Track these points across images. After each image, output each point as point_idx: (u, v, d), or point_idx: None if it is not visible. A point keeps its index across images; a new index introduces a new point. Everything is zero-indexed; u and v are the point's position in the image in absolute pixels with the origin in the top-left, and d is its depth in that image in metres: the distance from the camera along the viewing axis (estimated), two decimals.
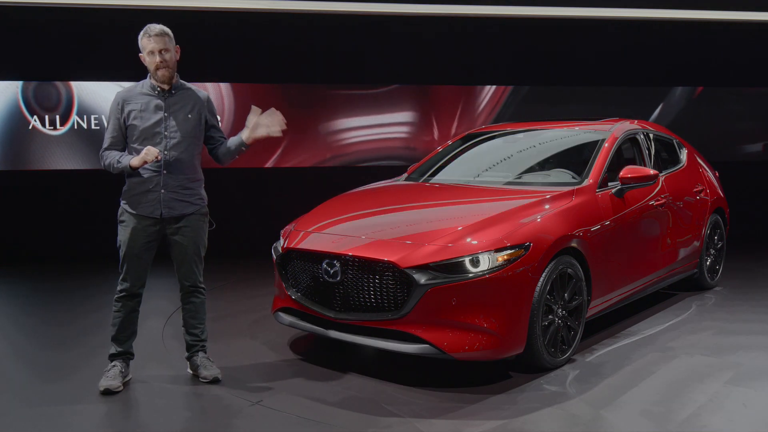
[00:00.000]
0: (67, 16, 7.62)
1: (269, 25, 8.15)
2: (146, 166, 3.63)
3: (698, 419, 3.30)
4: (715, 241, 5.99)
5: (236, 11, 7.86)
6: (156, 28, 3.66)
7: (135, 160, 3.57)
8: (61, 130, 7.80)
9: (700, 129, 9.08)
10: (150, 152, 3.54)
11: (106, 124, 3.78)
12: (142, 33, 3.66)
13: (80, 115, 7.81)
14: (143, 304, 3.90)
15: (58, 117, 7.79)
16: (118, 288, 3.76)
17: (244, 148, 3.83)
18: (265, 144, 8.25)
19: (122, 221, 3.73)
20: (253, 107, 3.76)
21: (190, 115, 3.74)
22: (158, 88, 3.70)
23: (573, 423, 3.27)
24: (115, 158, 3.65)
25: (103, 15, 7.60)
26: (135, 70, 3.77)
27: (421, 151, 8.42)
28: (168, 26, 3.71)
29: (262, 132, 3.74)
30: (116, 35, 3.91)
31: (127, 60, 3.78)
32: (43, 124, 7.76)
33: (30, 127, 7.74)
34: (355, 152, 8.53)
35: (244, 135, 3.78)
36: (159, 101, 3.69)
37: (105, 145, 3.72)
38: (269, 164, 8.35)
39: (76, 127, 7.82)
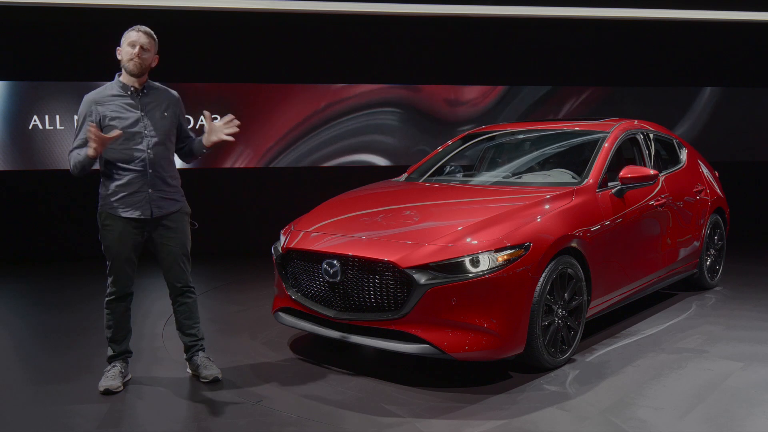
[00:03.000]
0: (65, 17, 7.62)
1: (268, 25, 8.15)
2: (130, 166, 3.61)
3: (698, 419, 3.30)
4: (715, 241, 5.99)
5: (232, 11, 7.86)
6: (146, 27, 3.68)
7: (90, 150, 3.46)
8: (61, 129, 7.80)
9: (705, 129, 9.14)
10: (91, 133, 3.41)
11: (76, 128, 3.70)
12: (130, 28, 3.66)
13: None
14: (143, 304, 3.90)
15: (58, 117, 7.79)
16: (108, 291, 3.73)
17: (204, 151, 3.85)
18: (264, 143, 8.27)
19: (106, 225, 3.67)
20: (205, 113, 3.77)
21: (165, 114, 3.73)
22: (131, 88, 3.67)
23: (573, 423, 3.27)
24: (76, 154, 3.60)
25: (102, 15, 7.60)
26: None
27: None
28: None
29: (215, 137, 3.74)
30: (115, 35, 3.89)
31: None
32: (43, 124, 7.76)
33: (30, 127, 7.74)
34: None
35: (204, 139, 3.80)
36: (132, 101, 3.67)
37: (74, 145, 3.65)
38: (269, 164, 8.35)
39: (76, 126, 7.80)
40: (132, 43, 3.62)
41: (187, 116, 4.04)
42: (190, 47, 7.88)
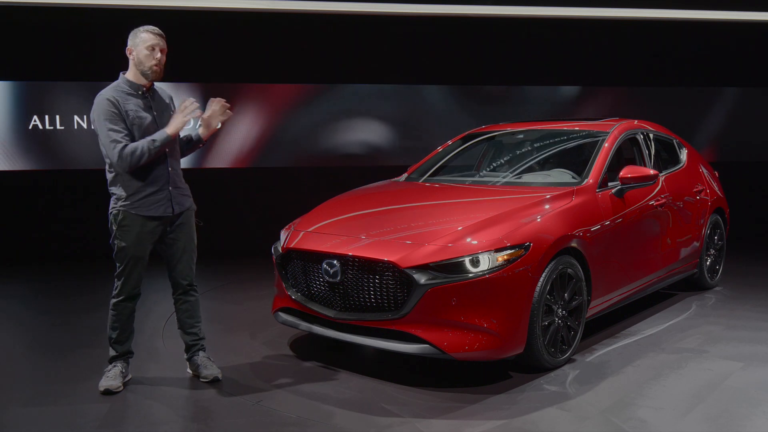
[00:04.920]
0: (66, 17, 7.62)
1: (269, 25, 8.15)
2: (152, 165, 3.61)
3: (698, 419, 3.30)
4: (715, 241, 5.98)
5: (236, 11, 7.87)
6: (157, 28, 3.66)
7: (172, 126, 3.56)
8: (61, 129, 7.80)
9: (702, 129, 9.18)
10: (187, 107, 3.53)
11: (104, 127, 3.53)
12: (141, 28, 3.62)
13: (80, 114, 7.81)
14: (144, 303, 3.90)
15: (58, 117, 7.79)
16: (117, 292, 3.72)
17: (201, 145, 3.92)
18: (264, 143, 8.27)
19: (124, 226, 3.63)
20: (195, 107, 3.67)
21: (172, 112, 3.75)
22: (142, 88, 3.66)
23: (573, 423, 3.27)
24: (146, 140, 3.53)
25: (102, 15, 7.60)
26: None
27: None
28: (162, 26, 3.71)
29: (215, 124, 3.79)
30: (115, 35, 3.92)
31: (127, 60, 3.77)
32: (43, 124, 7.76)
33: (30, 127, 7.74)
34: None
35: (202, 132, 3.81)
36: (145, 101, 3.67)
37: (121, 144, 3.51)
38: (271, 164, 8.34)
39: (76, 126, 7.82)
40: (151, 47, 3.59)
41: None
42: (191, 47, 7.87)
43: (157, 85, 3.81)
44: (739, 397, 3.57)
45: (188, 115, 3.59)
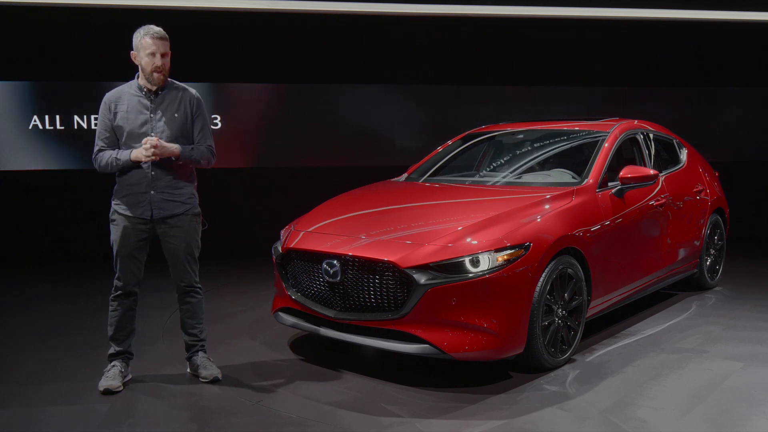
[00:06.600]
0: (66, 16, 7.62)
1: (269, 25, 8.16)
2: (135, 166, 3.63)
3: (698, 419, 3.30)
4: (715, 241, 5.98)
5: (236, 11, 7.87)
6: (158, 30, 3.64)
7: (134, 154, 3.59)
8: (61, 129, 7.80)
9: (701, 129, 9.17)
10: (147, 143, 3.52)
11: (95, 127, 3.79)
12: (142, 32, 3.62)
13: (80, 114, 7.81)
14: (143, 303, 3.90)
15: (58, 117, 7.79)
16: (113, 287, 3.77)
17: (176, 161, 3.70)
18: (264, 143, 8.27)
19: (113, 221, 3.74)
20: (151, 149, 3.56)
21: (176, 114, 3.72)
22: (145, 89, 3.69)
23: (573, 423, 3.27)
24: (112, 156, 3.66)
25: (103, 15, 7.60)
26: (136, 69, 3.76)
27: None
28: (163, 26, 3.70)
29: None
30: (115, 35, 3.93)
31: (127, 60, 3.76)
32: (43, 124, 7.76)
33: (30, 127, 7.74)
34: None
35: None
36: (145, 101, 3.68)
37: (97, 147, 3.72)
38: (271, 164, 8.34)
39: (76, 126, 7.82)
40: (152, 54, 3.60)
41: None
42: (191, 47, 7.87)
43: (180, 85, 3.80)
44: (739, 397, 3.57)
45: (146, 152, 3.54)
